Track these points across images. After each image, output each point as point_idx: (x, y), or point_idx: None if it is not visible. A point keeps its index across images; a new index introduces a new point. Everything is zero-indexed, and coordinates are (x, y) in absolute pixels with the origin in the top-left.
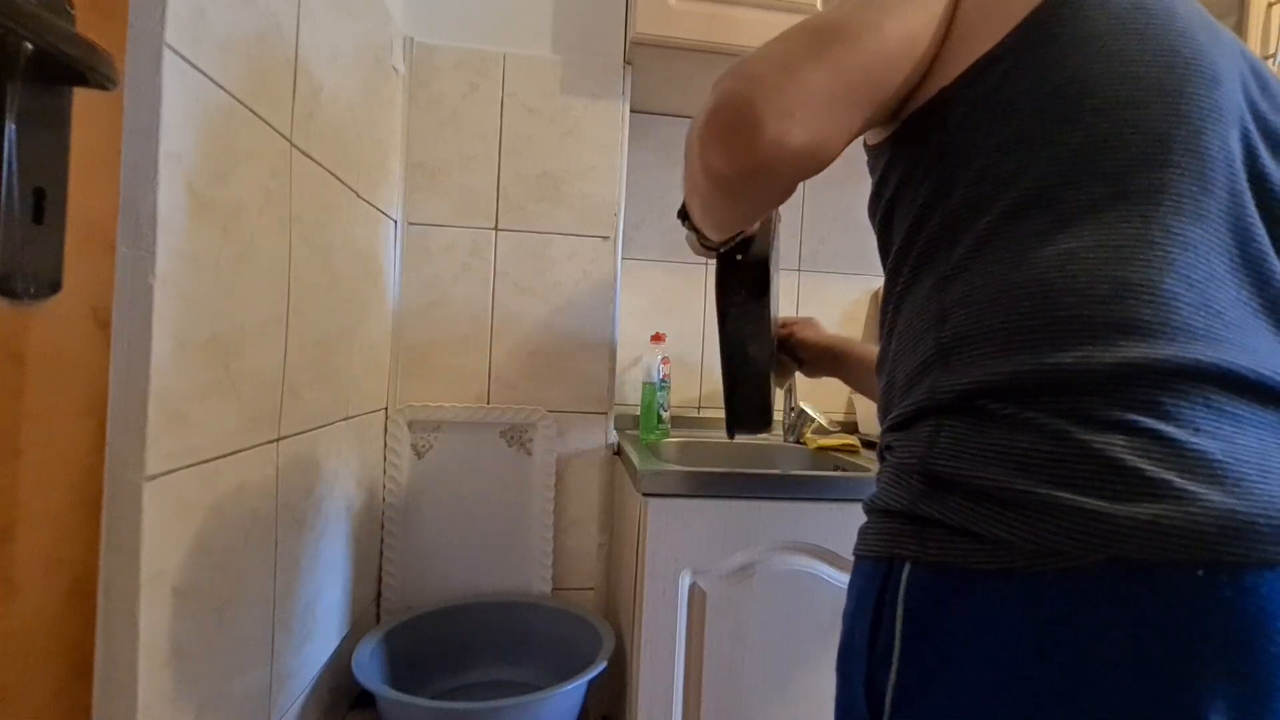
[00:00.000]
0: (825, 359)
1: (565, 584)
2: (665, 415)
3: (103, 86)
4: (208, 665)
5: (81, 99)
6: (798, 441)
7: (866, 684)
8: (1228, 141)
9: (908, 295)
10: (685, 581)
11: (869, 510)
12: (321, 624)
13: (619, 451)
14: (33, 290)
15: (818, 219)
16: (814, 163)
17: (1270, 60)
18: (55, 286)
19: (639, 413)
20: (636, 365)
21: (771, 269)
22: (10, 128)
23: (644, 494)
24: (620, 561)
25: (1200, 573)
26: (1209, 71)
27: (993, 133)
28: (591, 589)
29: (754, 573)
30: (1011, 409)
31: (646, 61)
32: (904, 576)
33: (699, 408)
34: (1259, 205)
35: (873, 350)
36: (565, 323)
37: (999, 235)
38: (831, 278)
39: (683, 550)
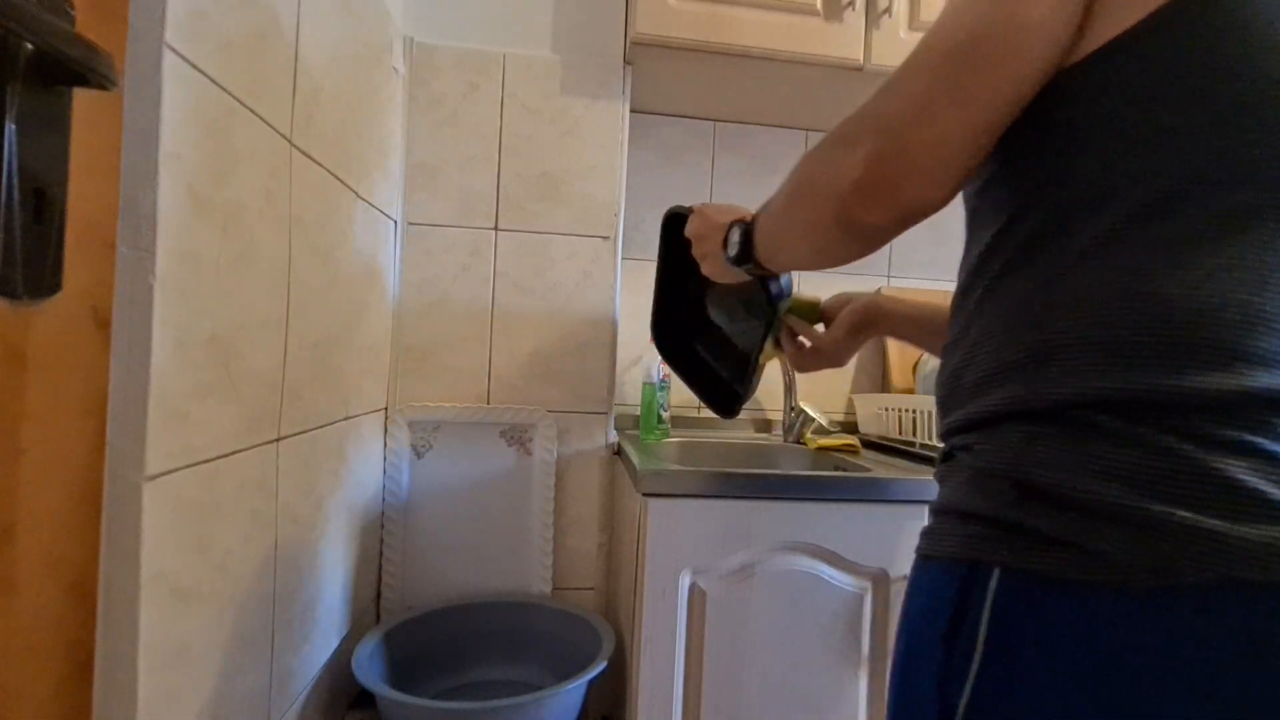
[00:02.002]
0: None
1: (565, 584)
2: (665, 415)
3: (103, 86)
4: (208, 665)
5: (81, 99)
6: (798, 441)
7: (940, 686)
8: None
9: (1000, 285)
10: (685, 581)
11: (941, 511)
12: (321, 624)
13: (619, 451)
14: (33, 290)
15: None
16: (945, 204)
17: None
18: (55, 286)
19: (639, 413)
20: (636, 365)
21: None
22: (10, 128)
23: (644, 494)
24: (620, 561)
25: None
26: None
27: (1125, 122)
28: (591, 589)
29: (754, 573)
30: (1116, 423)
31: (646, 61)
32: (992, 582)
33: (699, 408)
34: None
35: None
36: (565, 323)
37: (1121, 238)
38: (833, 277)
39: (683, 550)
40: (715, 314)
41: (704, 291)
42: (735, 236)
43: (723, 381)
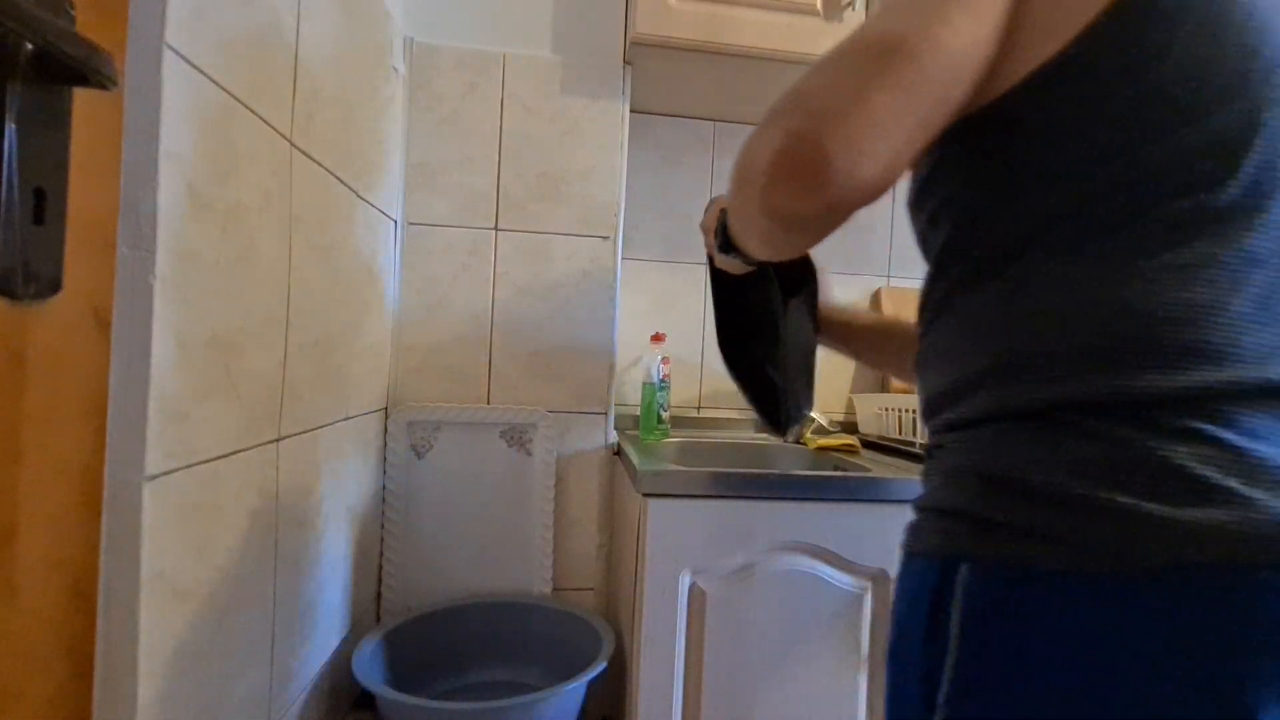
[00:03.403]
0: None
1: (565, 584)
2: (665, 415)
3: (103, 86)
4: (208, 665)
5: (81, 99)
6: (798, 441)
7: (923, 678)
8: None
9: (959, 295)
10: (685, 581)
11: (921, 509)
12: (321, 624)
13: (619, 451)
14: (33, 290)
15: None
16: (881, 193)
17: None
18: (55, 286)
19: (639, 413)
20: (636, 365)
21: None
22: (10, 128)
23: (644, 494)
24: (620, 562)
25: (1263, 575)
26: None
27: (1068, 142)
28: (591, 589)
29: (754, 573)
30: (1078, 419)
31: (646, 61)
32: (962, 573)
33: (699, 408)
34: None
35: (876, 320)
36: (565, 323)
37: (1073, 251)
38: (832, 278)
39: (683, 550)
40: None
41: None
42: (718, 224)
43: (782, 392)
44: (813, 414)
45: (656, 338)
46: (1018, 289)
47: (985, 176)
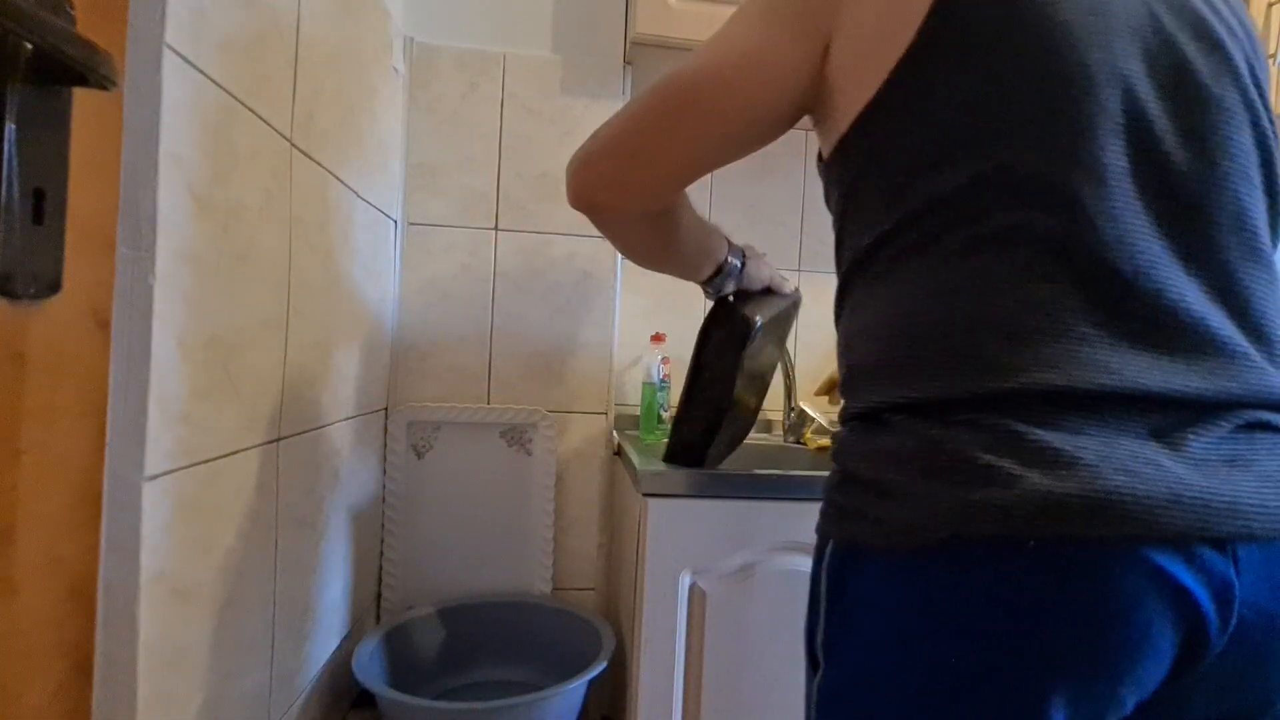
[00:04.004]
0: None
1: (565, 584)
2: (665, 415)
3: (103, 86)
4: (208, 665)
5: (81, 99)
6: (798, 442)
7: (808, 640)
8: (1103, 160)
9: (841, 312)
10: (685, 581)
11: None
12: (322, 624)
13: (619, 451)
14: (33, 290)
15: (818, 218)
16: (628, 209)
17: (1271, 60)
18: (55, 286)
19: (639, 413)
20: (636, 365)
21: (755, 329)
22: (10, 128)
23: (644, 494)
24: (620, 561)
25: (1031, 544)
26: (1082, 81)
27: (879, 180)
28: (591, 589)
29: (754, 573)
30: (898, 418)
31: (646, 61)
32: (827, 551)
33: None
34: (1157, 211)
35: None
36: (565, 323)
37: (884, 276)
38: (832, 277)
39: (683, 550)
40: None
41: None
42: None
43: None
44: (813, 414)
45: (656, 338)
46: (855, 310)
47: (838, 205)
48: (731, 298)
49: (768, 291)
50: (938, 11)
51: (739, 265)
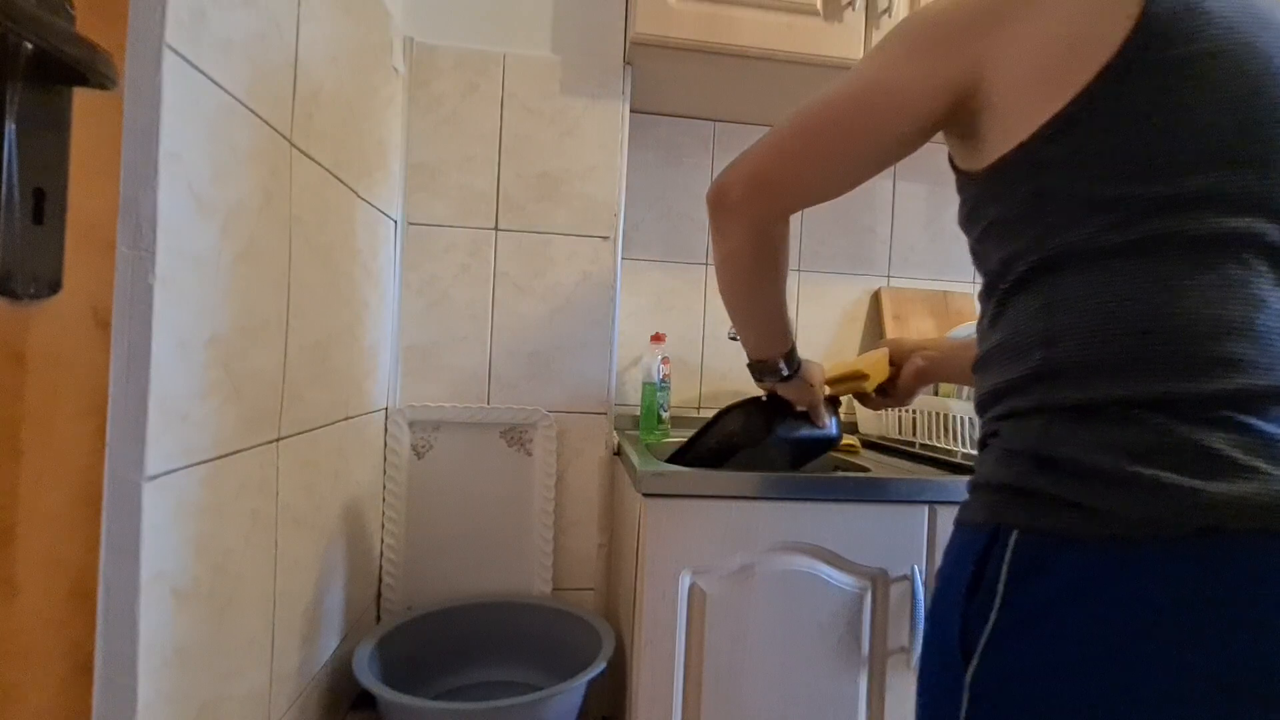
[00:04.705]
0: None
1: (565, 584)
2: (665, 415)
3: (103, 86)
4: (208, 665)
5: (81, 99)
6: None
7: (962, 630)
8: None
9: (1008, 309)
10: (685, 581)
11: (974, 486)
12: (321, 624)
13: (619, 451)
14: (33, 290)
15: (818, 219)
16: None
17: None
18: (55, 286)
19: (639, 413)
20: (636, 365)
21: (756, 442)
22: (10, 128)
23: (644, 494)
24: (620, 562)
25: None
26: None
27: (1084, 187)
28: (591, 589)
29: (754, 573)
30: (1118, 410)
31: (646, 61)
32: (1011, 540)
33: (699, 408)
34: None
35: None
36: (565, 323)
37: (1102, 272)
38: (832, 278)
39: (683, 550)
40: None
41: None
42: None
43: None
44: None
45: (656, 338)
46: (1057, 305)
47: (1019, 215)
48: (766, 397)
49: (806, 417)
50: (1140, 30)
51: (785, 372)
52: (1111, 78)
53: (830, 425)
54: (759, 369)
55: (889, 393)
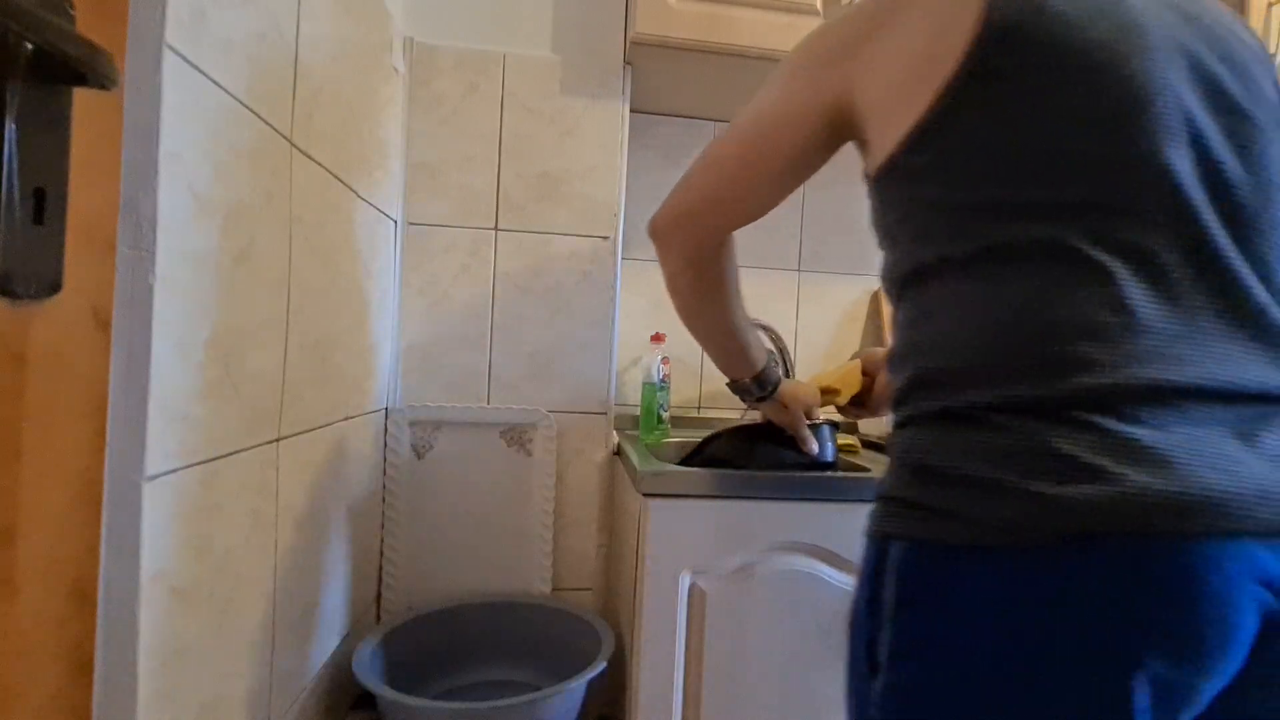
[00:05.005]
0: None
1: (565, 584)
2: (665, 415)
3: (103, 86)
4: (208, 665)
5: (81, 99)
6: None
7: (868, 645)
8: (1168, 163)
9: (897, 317)
10: (685, 581)
11: (875, 497)
12: (322, 624)
13: (619, 451)
14: (33, 290)
15: (817, 219)
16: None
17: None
18: (55, 286)
19: (639, 413)
20: (636, 365)
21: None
22: (10, 128)
23: (644, 494)
24: (620, 562)
25: (1132, 541)
26: (1135, 90)
27: (943, 196)
28: (591, 589)
29: (754, 573)
30: (978, 413)
31: (646, 61)
32: (896, 552)
33: (699, 408)
34: (1219, 212)
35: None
36: (565, 323)
37: (962, 280)
38: (831, 278)
39: (683, 550)
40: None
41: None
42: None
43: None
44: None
45: (656, 338)
46: (923, 318)
47: (896, 221)
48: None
49: (792, 442)
50: (977, 47)
51: (758, 394)
52: (957, 89)
53: (820, 448)
54: (735, 388)
55: (865, 404)
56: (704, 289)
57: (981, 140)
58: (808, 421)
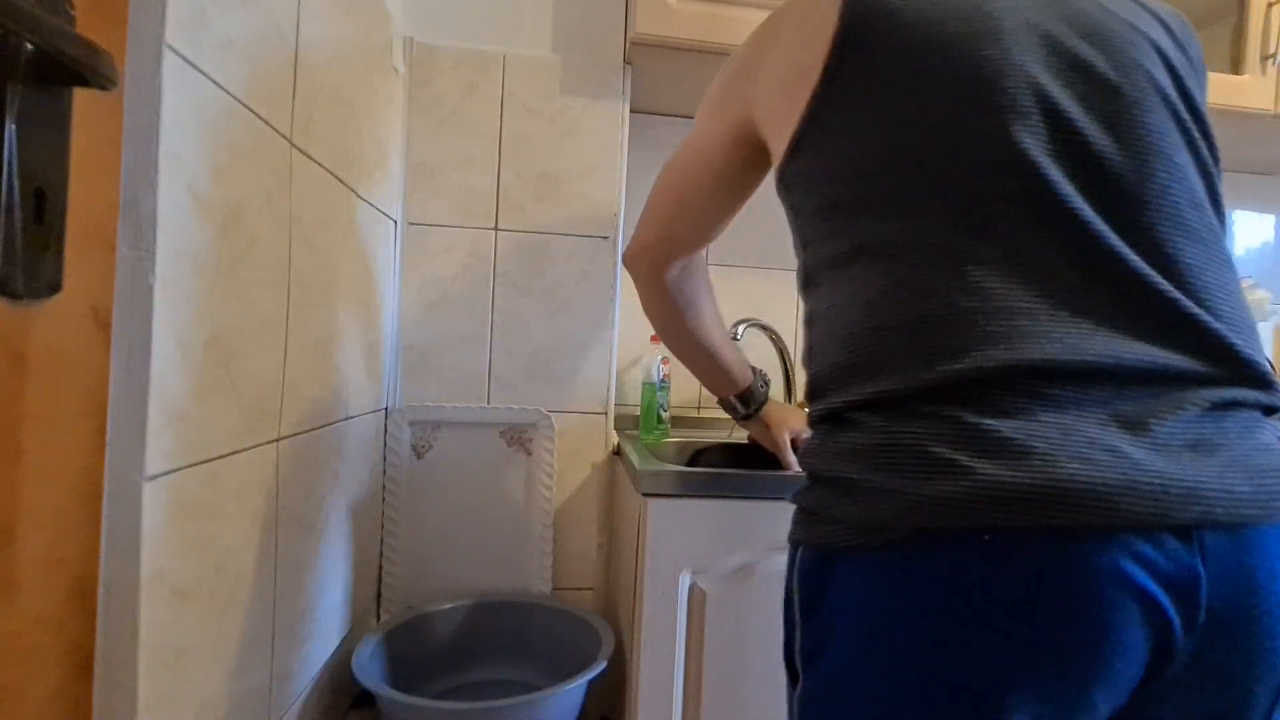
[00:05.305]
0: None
1: (565, 584)
2: (665, 415)
3: (103, 86)
4: (208, 665)
5: (81, 99)
6: None
7: (786, 651)
8: (1019, 142)
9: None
10: (685, 581)
11: None
12: (322, 624)
13: (619, 451)
14: (33, 290)
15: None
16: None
17: (1270, 60)
18: (55, 286)
19: (639, 413)
20: (636, 365)
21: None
22: (10, 128)
23: (644, 494)
24: (620, 562)
25: (986, 537)
26: (985, 75)
27: (815, 202)
28: (591, 589)
29: (754, 573)
30: (856, 414)
31: (646, 61)
32: (799, 558)
33: (699, 408)
34: (1085, 186)
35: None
36: (565, 323)
37: (833, 283)
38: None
39: (683, 550)
40: None
41: None
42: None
43: None
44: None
45: (656, 338)
46: (812, 321)
47: (792, 221)
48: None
49: (775, 461)
50: (834, 53)
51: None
52: (821, 95)
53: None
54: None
55: None
56: (674, 311)
57: (846, 141)
58: (802, 436)
